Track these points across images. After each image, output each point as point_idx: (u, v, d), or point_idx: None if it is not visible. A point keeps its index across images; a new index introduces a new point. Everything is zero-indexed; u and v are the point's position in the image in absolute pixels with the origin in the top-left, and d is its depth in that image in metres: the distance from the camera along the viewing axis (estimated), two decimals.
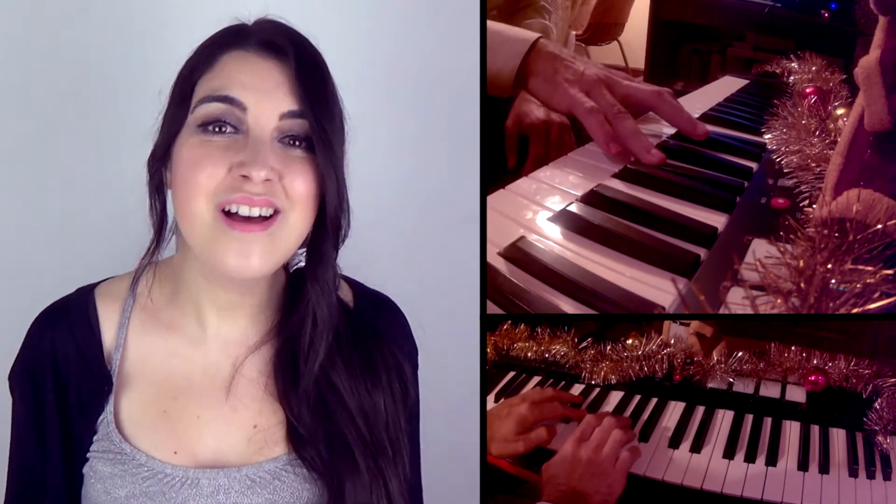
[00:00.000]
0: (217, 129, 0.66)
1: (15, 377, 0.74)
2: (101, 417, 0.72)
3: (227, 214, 0.65)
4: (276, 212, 0.67)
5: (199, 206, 0.65)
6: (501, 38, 1.15)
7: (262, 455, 0.72)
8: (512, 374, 1.37)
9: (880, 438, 0.99)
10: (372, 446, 0.72)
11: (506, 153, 1.39)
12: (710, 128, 1.25)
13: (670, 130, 1.19)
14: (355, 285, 0.84)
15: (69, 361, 0.72)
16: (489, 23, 1.16)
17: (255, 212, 0.66)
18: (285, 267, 0.79)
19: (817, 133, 1.01)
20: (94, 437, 0.71)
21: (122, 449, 0.70)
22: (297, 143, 0.68)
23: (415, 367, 0.82)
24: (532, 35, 1.15)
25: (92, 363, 0.73)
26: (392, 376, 0.77)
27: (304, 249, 0.74)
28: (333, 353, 0.74)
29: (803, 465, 0.97)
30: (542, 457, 1.01)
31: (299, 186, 0.67)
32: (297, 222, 0.68)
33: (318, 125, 0.67)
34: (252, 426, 0.73)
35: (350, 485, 0.70)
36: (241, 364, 0.75)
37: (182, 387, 0.73)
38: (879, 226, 0.63)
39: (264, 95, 0.66)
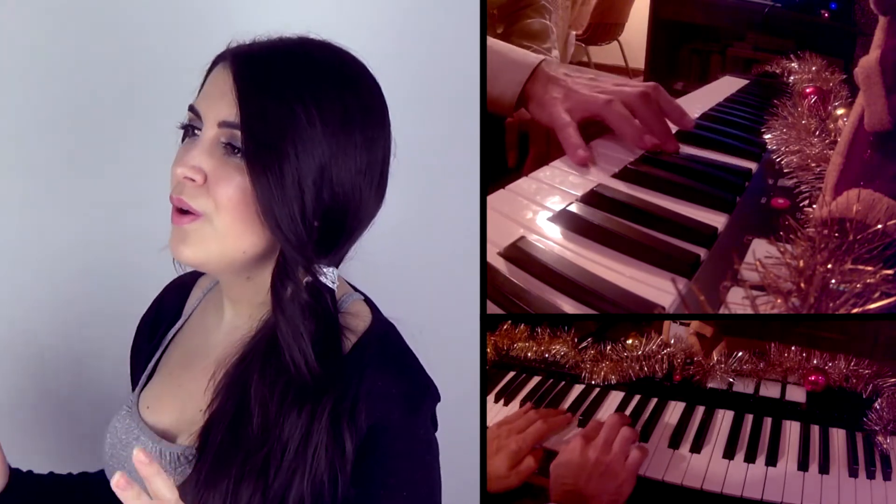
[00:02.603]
0: (191, 133, 0.70)
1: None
2: (149, 368, 0.83)
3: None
4: (199, 214, 0.68)
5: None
6: (504, 62, 1.17)
7: (191, 439, 0.73)
8: (512, 374, 1.37)
9: (880, 438, 0.99)
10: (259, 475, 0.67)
11: (506, 151, 1.39)
12: (710, 125, 1.25)
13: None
14: (373, 323, 0.75)
15: (163, 315, 0.88)
16: (493, 42, 1.19)
17: (183, 206, 0.68)
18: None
19: (817, 133, 1.01)
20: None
21: (133, 396, 0.81)
22: (238, 151, 0.67)
23: (380, 438, 0.69)
24: (533, 61, 1.17)
25: (167, 324, 0.86)
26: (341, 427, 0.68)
27: (333, 269, 0.72)
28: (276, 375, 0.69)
29: (803, 466, 0.97)
30: (549, 457, 1.01)
31: (221, 191, 0.67)
32: (224, 227, 0.67)
33: (246, 135, 0.66)
34: (199, 410, 0.74)
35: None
36: (223, 350, 0.75)
37: (187, 356, 0.81)
38: (879, 226, 0.63)
39: (212, 103, 0.68)
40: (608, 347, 1.29)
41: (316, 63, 0.70)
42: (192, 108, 0.69)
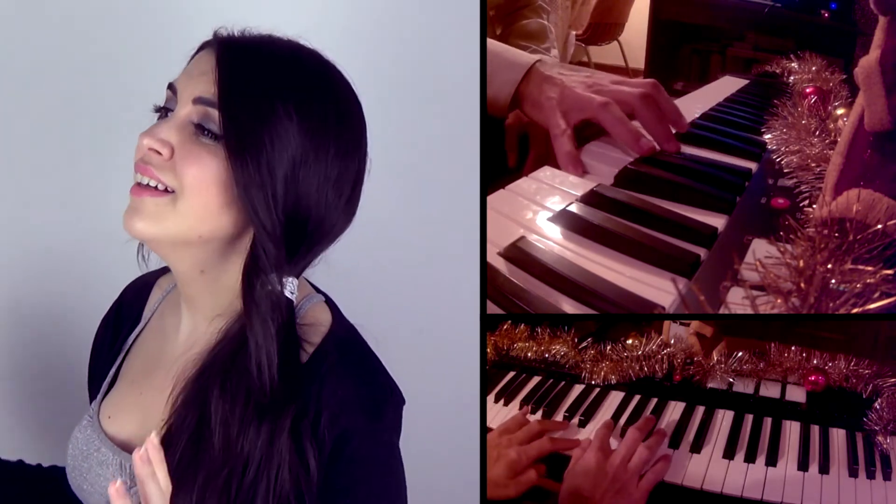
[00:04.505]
0: (164, 115, 0.69)
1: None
2: (110, 377, 0.82)
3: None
4: (167, 190, 0.66)
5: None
6: (500, 63, 1.16)
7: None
8: (512, 374, 1.37)
9: (880, 438, 0.99)
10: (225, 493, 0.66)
11: (506, 152, 1.39)
12: (710, 125, 1.25)
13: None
14: (332, 329, 0.73)
15: (122, 319, 0.86)
16: (491, 43, 1.18)
17: (145, 180, 0.66)
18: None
19: (817, 133, 1.01)
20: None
21: (93, 406, 0.80)
22: (208, 133, 0.66)
23: (345, 446, 0.68)
24: (528, 61, 1.16)
25: (120, 334, 0.84)
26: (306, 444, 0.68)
27: (293, 279, 0.70)
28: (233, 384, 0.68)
29: (803, 466, 0.97)
30: (552, 470, 1.02)
31: (188, 170, 0.65)
32: (186, 209, 0.66)
33: (225, 115, 0.65)
34: (161, 421, 0.72)
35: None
36: (182, 357, 0.72)
37: (149, 363, 0.79)
38: (879, 226, 0.63)
39: (190, 80, 0.67)
40: (608, 347, 1.29)
41: (301, 66, 0.69)
42: (170, 87, 0.68)
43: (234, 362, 0.67)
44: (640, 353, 1.26)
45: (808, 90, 1.20)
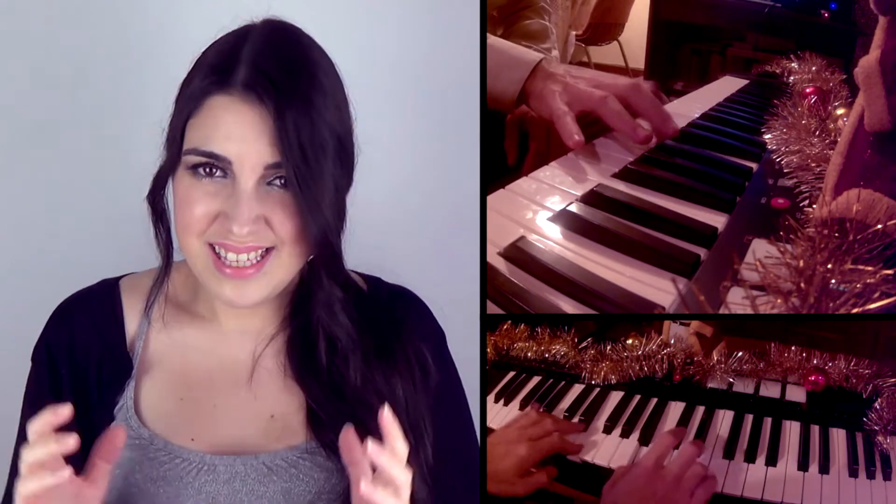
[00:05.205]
0: (206, 172, 0.69)
1: (36, 356, 0.79)
2: (121, 404, 0.75)
3: (219, 255, 0.69)
4: (269, 248, 0.70)
5: (192, 243, 0.70)
6: (506, 60, 1.19)
7: (279, 443, 0.74)
8: (512, 374, 1.37)
9: (880, 438, 0.98)
10: None
11: (506, 148, 1.40)
12: (710, 125, 1.25)
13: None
14: (371, 278, 0.85)
15: (89, 348, 0.76)
16: (495, 40, 1.21)
17: (244, 258, 0.69)
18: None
19: (817, 133, 1.01)
20: (113, 424, 0.74)
21: (140, 434, 0.73)
22: (282, 182, 0.69)
23: (437, 348, 0.83)
24: (534, 58, 1.19)
25: (113, 349, 0.77)
26: (411, 361, 0.78)
27: None
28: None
29: (803, 466, 0.96)
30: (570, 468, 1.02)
31: (287, 225, 0.69)
32: (289, 257, 0.71)
33: (295, 172, 0.67)
34: (269, 416, 0.75)
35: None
36: (259, 355, 0.77)
37: (199, 377, 0.77)
38: (879, 226, 0.63)
39: (248, 147, 0.66)
40: (608, 347, 1.29)
41: (318, 61, 0.72)
42: (211, 155, 0.67)
43: (319, 328, 0.75)
44: (640, 353, 1.26)
45: (808, 90, 1.20)
